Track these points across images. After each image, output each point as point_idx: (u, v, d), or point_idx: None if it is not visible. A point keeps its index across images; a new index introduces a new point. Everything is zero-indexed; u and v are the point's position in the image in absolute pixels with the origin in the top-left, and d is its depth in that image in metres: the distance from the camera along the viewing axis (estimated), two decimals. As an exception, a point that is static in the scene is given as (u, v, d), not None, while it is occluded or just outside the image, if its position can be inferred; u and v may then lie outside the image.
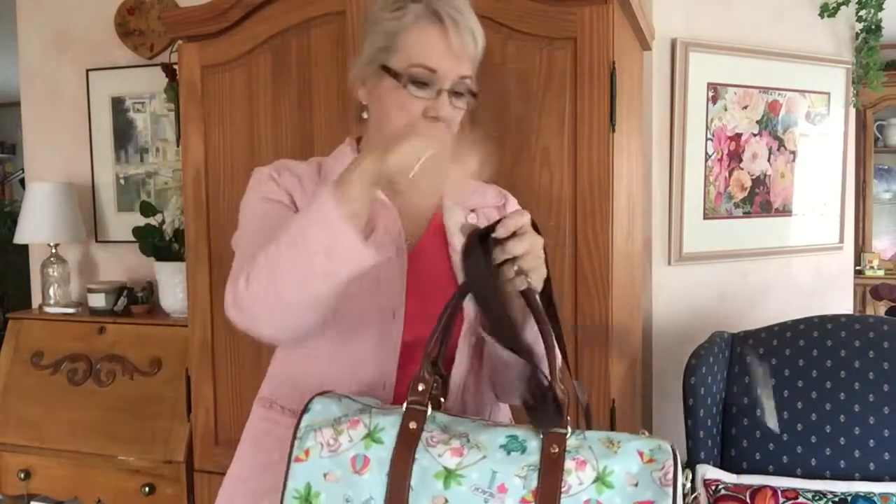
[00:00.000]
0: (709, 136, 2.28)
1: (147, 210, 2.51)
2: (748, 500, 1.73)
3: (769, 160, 2.40)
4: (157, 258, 2.45)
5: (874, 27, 2.49)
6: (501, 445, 0.91)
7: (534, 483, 0.88)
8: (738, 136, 2.34)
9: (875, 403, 1.81)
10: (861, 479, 1.78)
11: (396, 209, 1.14)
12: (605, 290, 1.55)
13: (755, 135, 2.36)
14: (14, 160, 6.99)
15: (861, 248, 4.71)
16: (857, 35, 2.54)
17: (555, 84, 1.55)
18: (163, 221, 2.51)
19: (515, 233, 0.95)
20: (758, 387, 0.84)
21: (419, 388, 0.97)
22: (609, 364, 1.56)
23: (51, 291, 2.59)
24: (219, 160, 1.81)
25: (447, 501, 0.89)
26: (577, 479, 0.88)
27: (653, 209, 2.21)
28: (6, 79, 5.33)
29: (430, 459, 0.91)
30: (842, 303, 2.63)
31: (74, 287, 2.70)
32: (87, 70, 2.71)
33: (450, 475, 0.90)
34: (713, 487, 1.76)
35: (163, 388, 2.23)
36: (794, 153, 2.46)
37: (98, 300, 2.51)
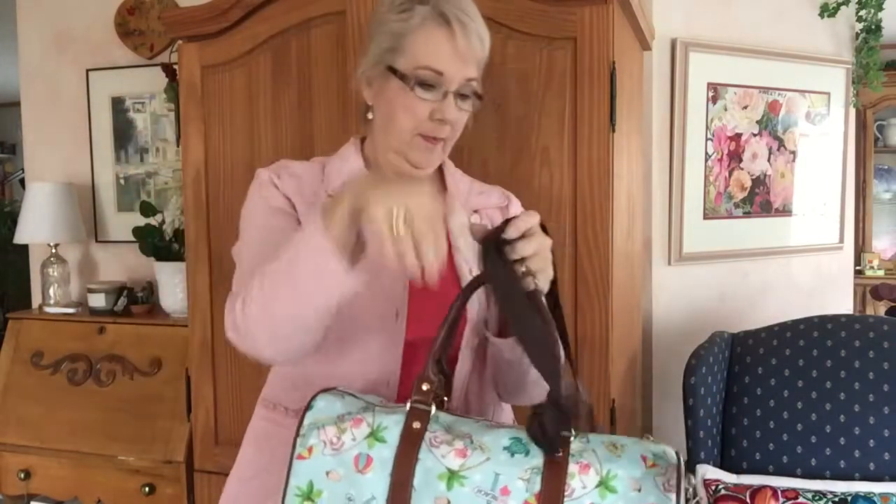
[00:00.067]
0: (709, 136, 2.28)
1: (147, 210, 2.51)
2: (748, 500, 1.73)
3: (769, 160, 2.40)
4: (157, 258, 2.45)
5: (874, 27, 2.49)
6: (505, 447, 0.91)
7: (537, 486, 0.88)
8: (738, 136, 2.34)
9: (875, 403, 1.81)
10: (861, 479, 1.78)
11: None
12: (605, 290, 1.55)
13: (755, 135, 2.36)
14: (14, 160, 6.99)
15: (861, 248, 4.71)
16: (857, 35, 2.54)
17: (555, 84, 1.55)
18: (163, 221, 2.51)
19: (524, 234, 0.95)
20: None
21: (423, 388, 0.96)
22: (609, 364, 1.56)
23: (51, 291, 2.59)
24: (219, 160, 1.80)
25: (449, 502, 0.89)
26: (581, 483, 0.88)
27: (653, 209, 2.21)
28: (6, 79, 5.33)
29: (434, 460, 0.91)
30: (842, 303, 2.63)
31: (74, 287, 2.70)
32: (87, 70, 2.71)
33: (453, 476, 0.89)
34: (713, 487, 1.76)
35: (163, 388, 2.23)
36: (794, 153, 2.46)
37: (98, 300, 2.51)
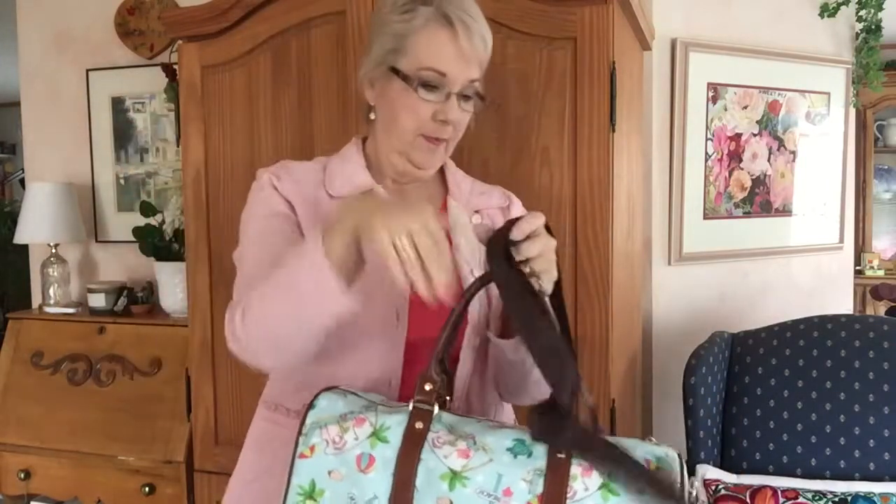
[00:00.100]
0: (709, 136, 2.28)
1: (147, 210, 2.51)
2: (748, 500, 1.73)
3: (769, 160, 2.40)
4: (157, 258, 2.45)
5: (874, 27, 2.49)
6: (508, 448, 0.90)
7: (539, 488, 0.87)
8: (738, 136, 2.33)
9: (875, 403, 1.81)
10: (861, 479, 1.78)
11: None
12: (605, 290, 1.55)
13: (755, 135, 2.36)
14: (14, 160, 6.99)
15: (861, 248, 4.71)
16: (857, 35, 2.54)
17: (555, 84, 1.55)
18: (163, 221, 2.51)
19: (529, 235, 0.95)
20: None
21: (426, 388, 0.96)
22: (609, 364, 1.56)
23: (51, 291, 2.59)
24: (219, 160, 1.80)
25: (452, 503, 0.88)
26: (583, 485, 0.87)
27: (653, 209, 2.21)
28: (6, 79, 5.33)
29: (436, 460, 0.90)
30: (842, 303, 2.63)
31: (74, 287, 2.69)
32: (87, 70, 2.71)
33: (455, 477, 0.89)
34: (713, 487, 1.76)
35: (163, 388, 2.23)
36: (794, 153, 2.46)
37: (98, 300, 2.51)
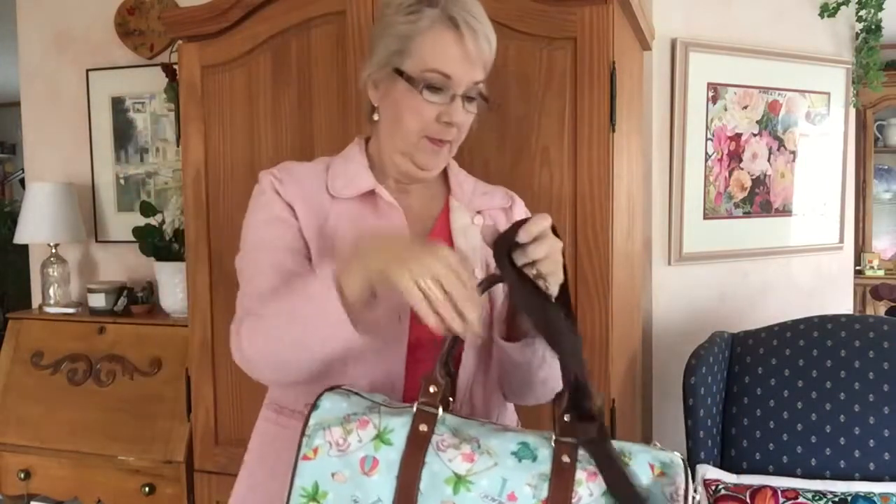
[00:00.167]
0: (709, 136, 2.28)
1: (147, 210, 2.51)
2: (748, 500, 1.73)
3: (769, 160, 2.40)
4: (157, 258, 2.45)
5: (874, 27, 2.49)
6: (513, 452, 0.90)
7: (544, 493, 0.87)
8: (738, 136, 2.33)
9: (875, 403, 1.81)
10: (861, 479, 1.78)
11: (403, 209, 1.15)
12: (605, 290, 1.55)
13: (755, 135, 2.36)
14: (14, 160, 6.99)
15: (861, 248, 4.71)
16: (857, 35, 2.54)
17: (555, 84, 1.55)
18: (163, 221, 2.51)
19: (537, 237, 0.95)
20: None
21: (430, 391, 0.95)
22: (609, 364, 1.56)
23: (51, 291, 2.59)
24: (219, 160, 1.80)
25: None
26: (588, 491, 0.87)
27: (653, 209, 2.21)
28: (6, 79, 5.33)
29: (441, 464, 0.90)
30: (842, 303, 2.63)
31: (74, 287, 2.69)
32: (87, 70, 2.71)
33: (459, 481, 0.89)
34: (713, 487, 1.76)
35: (163, 388, 2.23)
36: (794, 153, 2.46)
37: (98, 300, 2.50)
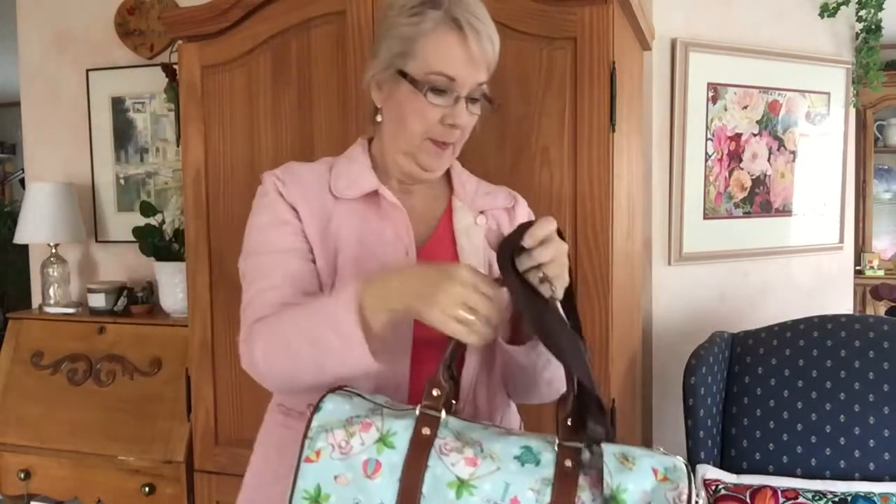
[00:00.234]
0: (709, 136, 2.28)
1: (147, 210, 2.50)
2: (748, 500, 1.73)
3: (769, 160, 2.40)
4: (157, 258, 2.45)
5: (874, 27, 2.49)
6: (516, 457, 0.90)
7: (547, 497, 0.87)
8: (738, 136, 2.34)
9: (875, 403, 1.81)
10: (861, 479, 1.78)
11: (406, 210, 1.15)
12: (605, 290, 1.55)
13: (755, 135, 2.36)
14: (14, 160, 6.99)
15: (861, 248, 4.71)
16: (857, 35, 2.54)
17: (555, 84, 1.55)
18: (163, 221, 2.50)
19: (542, 240, 0.95)
20: None
21: (434, 394, 0.95)
22: (609, 364, 1.56)
23: (51, 291, 2.59)
24: (219, 160, 1.80)
25: None
26: (591, 496, 0.87)
27: (653, 209, 2.21)
28: (6, 79, 5.33)
29: (443, 468, 0.90)
30: (842, 303, 2.63)
31: (74, 287, 2.69)
32: (87, 70, 2.71)
33: (462, 485, 0.89)
34: (713, 487, 1.76)
35: (163, 388, 2.23)
36: (794, 153, 2.46)
37: (98, 300, 2.50)
